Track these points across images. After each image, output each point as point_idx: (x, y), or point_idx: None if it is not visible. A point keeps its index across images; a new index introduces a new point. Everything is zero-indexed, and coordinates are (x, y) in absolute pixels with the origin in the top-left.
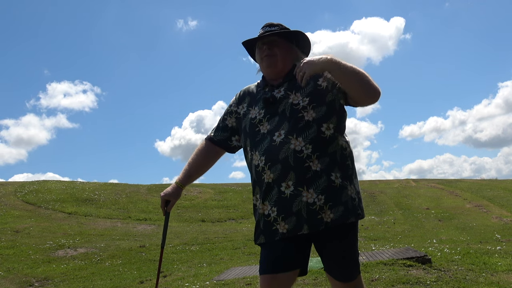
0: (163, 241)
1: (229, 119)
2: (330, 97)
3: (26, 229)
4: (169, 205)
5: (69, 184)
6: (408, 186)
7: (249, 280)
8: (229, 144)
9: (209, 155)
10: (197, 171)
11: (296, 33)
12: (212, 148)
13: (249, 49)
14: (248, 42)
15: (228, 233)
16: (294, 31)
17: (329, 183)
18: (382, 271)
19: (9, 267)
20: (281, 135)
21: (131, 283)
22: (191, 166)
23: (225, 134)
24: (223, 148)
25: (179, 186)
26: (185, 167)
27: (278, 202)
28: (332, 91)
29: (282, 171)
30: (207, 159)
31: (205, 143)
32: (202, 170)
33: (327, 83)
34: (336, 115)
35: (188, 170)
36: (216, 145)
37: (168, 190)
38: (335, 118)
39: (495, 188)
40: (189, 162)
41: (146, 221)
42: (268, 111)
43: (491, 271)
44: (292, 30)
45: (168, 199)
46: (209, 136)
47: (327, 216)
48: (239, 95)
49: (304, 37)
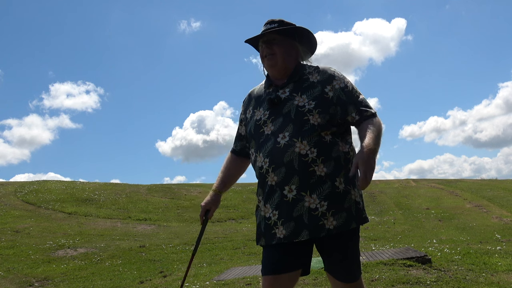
0: (195, 249)
1: (240, 127)
2: (333, 110)
3: (26, 229)
4: (210, 213)
5: (69, 184)
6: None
7: (249, 280)
8: (248, 152)
9: (237, 165)
10: (229, 179)
11: (296, 29)
12: (236, 158)
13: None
14: (251, 41)
15: (228, 233)
16: (293, 27)
17: (333, 189)
18: (382, 271)
19: (9, 267)
20: (286, 137)
21: (131, 283)
22: (224, 174)
23: (242, 142)
24: (245, 157)
25: (217, 193)
26: (220, 175)
27: (279, 205)
28: (336, 108)
29: (286, 174)
30: (236, 169)
31: (230, 155)
32: (234, 178)
33: (333, 94)
34: (337, 127)
35: (223, 178)
36: (239, 155)
37: (208, 199)
38: (335, 128)
39: (495, 188)
40: (222, 170)
41: (146, 221)
42: (273, 112)
43: (491, 271)
44: (290, 26)
45: (208, 208)
46: (232, 148)
47: (329, 222)
48: (245, 101)
49: (306, 32)
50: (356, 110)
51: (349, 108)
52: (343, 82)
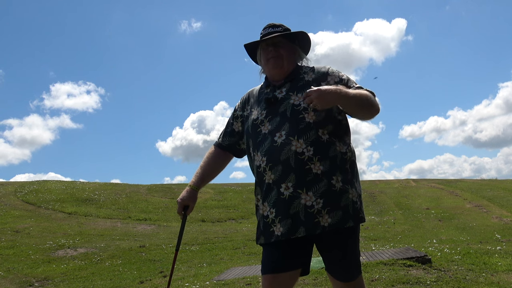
0: (177, 245)
1: (235, 123)
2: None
3: (26, 229)
4: (188, 209)
5: (69, 184)
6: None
7: (249, 280)
8: (237, 148)
9: (219, 160)
10: (209, 174)
11: (299, 34)
12: (221, 153)
13: (249, 50)
14: (251, 43)
15: (228, 233)
16: (299, 32)
17: (329, 187)
18: (382, 271)
19: (9, 267)
20: (282, 136)
21: (131, 283)
22: (204, 169)
23: (233, 139)
24: (231, 153)
25: (194, 189)
26: (198, 171)
27: (276, 203)
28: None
29: (283, 172)
30: (218, 164)
31: (214, 149)
32: (214, 174)
33: None
34: (333, 124)
35: (201, 174)
36: (225, 150)
37: (184, 195)
38: (332, 126)
39: (495, 188)
40: (201, 165)
41: (146, 221)
42: (270, 112)
43: (491, 271)
44: (297, 31)
45: (186, 204)
46: (218, 142)
47: (324, 220)
48: (244, 99)
49: (305, 36)
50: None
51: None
52: (338, 76)
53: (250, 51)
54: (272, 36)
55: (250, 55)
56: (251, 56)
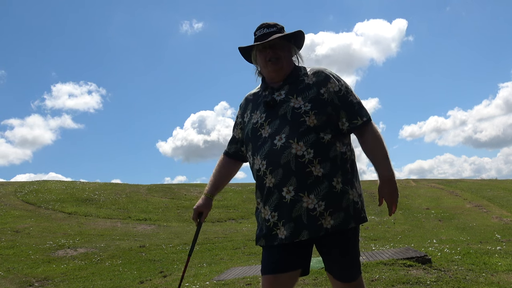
0: (191, 250)
1: (236, 131)
2: (330, 111)
3: (26, 229)
4: (202, 216)
5: (69, 184)
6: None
7: (249, 280)
8: (242, 155)
9: (228, 168)
10: (221, 182)
11: (296, 34)
12: (229, 161)
13: (243, 51)
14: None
15: (228, 233)
16: (298, 32)
17: (330, 188)
18: (382, 271)
19: (9, 267)
20: (282, 139)
21: (131, 283)
22: (215, 177)
23: (236, 146)
24: (239, 160)
25: (209, 197)
26: (211, 179)
27: (278, 207)
28: (333, 108)
29: (284, 175)
30: (228, 171)
31: (223, 157)
32: (225, 181)
33: (328, 96)
34: (333, 126)
35: (214, 181)
36: (232, 157)
37: (199, 202)
38: (332, 128)
39: (495, 188)
40: (213, 174)
41: (146, 221)
42: (269, 115)
43: (491, 271)
44: (295, 32)
45: (201, 211)
46: (225, 150)
47: (327, 222)
48: (242, 105)
49: (301, 35)
50: (346, 117)
51: (341, 113)
52: (338, 85)
53: (244, 52)
54: (272, 39)
55: (243, 56)
56: (244, 57)
